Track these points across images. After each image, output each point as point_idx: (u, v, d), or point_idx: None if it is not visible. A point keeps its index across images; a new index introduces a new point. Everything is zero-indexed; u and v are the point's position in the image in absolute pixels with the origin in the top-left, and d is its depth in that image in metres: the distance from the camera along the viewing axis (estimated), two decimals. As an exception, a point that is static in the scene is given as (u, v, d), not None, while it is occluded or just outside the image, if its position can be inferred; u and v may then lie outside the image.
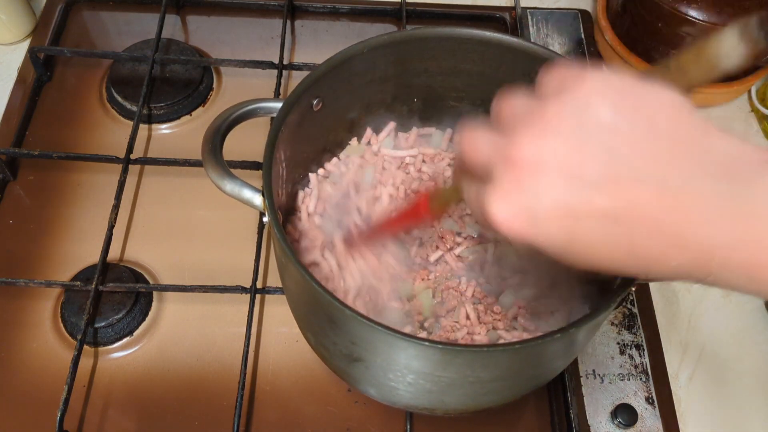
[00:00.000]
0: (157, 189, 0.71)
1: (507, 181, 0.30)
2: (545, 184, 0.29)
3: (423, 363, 0.41)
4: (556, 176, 0.29)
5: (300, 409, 0.59)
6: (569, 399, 0.58)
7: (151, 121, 0.75)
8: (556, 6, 0.85)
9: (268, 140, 0.47)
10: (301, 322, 0.51)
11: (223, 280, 0.62)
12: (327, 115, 0.54)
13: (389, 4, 0.85)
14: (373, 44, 0.51)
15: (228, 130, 0.49)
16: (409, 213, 0.50)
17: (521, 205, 0.30)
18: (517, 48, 0.52)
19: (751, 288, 0.30)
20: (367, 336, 0.41)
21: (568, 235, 0.30)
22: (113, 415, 0.58)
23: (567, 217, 0.30)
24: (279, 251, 0.46)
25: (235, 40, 0.82)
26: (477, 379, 0.43)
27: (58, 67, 0.79)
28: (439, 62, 0.55)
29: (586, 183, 0.29)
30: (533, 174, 0.30)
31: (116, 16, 0.84)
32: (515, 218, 0.30)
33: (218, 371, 0.60)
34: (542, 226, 0.30)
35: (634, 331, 0.62)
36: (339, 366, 0.49)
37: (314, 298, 0.42)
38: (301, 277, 0.41)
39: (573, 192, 0.29)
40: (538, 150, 0.30)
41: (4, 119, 0.74)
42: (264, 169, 0.45)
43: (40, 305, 0.63)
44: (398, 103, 0.59)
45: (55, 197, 0.69)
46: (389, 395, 0.47)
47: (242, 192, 0.47)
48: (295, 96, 0.49)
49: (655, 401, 0.58)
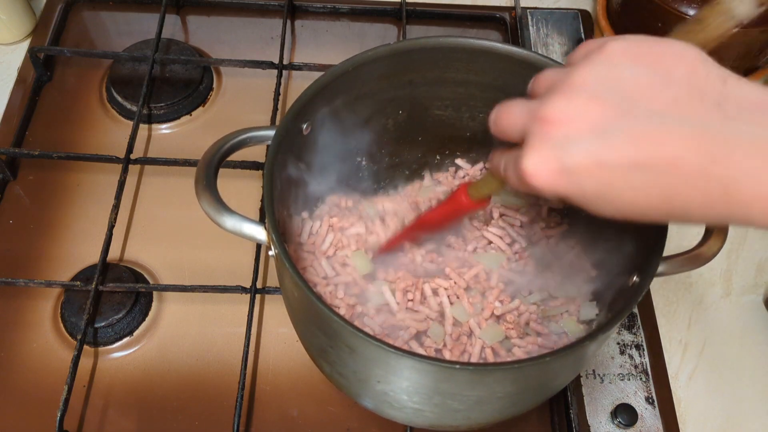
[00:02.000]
0: (157, 189, 0.71)
1: (539, 137, 0.33)
2: (575, 138, 0.31)
3: (451, 384, 0.41)
4: (584, 129, 0.31)
5: (300, 410, 0.59)
6: (569, 399, 0.58)
7: (151, 121, 0.75)
8: (556, 6, 0.85)
9: (266, 173, 0.45)
10: (313, 352, 0.51)
11: (223, 280, 0.62)
12: (316, 138, 0.53)
13: (389, 4, 0.85)
14: (358, 61, 0.51)
15: (220, 163, 0.48)
16: (449, 206, 0.50)
17: (553, 158, 0.32)
18: (503, 54, 0.52)
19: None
20: (393, 362, 0.41)
21: (601, 185, 0.32)
22: (113, 415, 0.58)
23: (598, 167, 0.31)
24: (292, 285, 0.44)
25: (235, 40, 0.82)
26: (505, 393, 0.43)
27: (58, 67, 0.79)
28: (423, 73, 0.55)
29: (612, 134, 0.31)
30: (563, 129, 0.32)
31: (116, 16, 0.84)
32: (548, 171, 0.32)
33: (218, 371, 0.60)
34: (574, 177, 0.32)
35: (634, 331, 0.62)
36: (357, 392, 0.49)
37: (334, 330, 0.42)
38: (322, 313, 0.40)
39: (601, 143, 0.31)
40: (567, 107, 0.32)
41: (4, 119, 0.74)
42: (266, 204, 0.44)
43: (40, 305, 0.63)
44: (383, 116, 0.58)
45: (55, 197, 0.69)
46: (413, 417, 0.47)
47: (243, 227, 0.46)
48: (286, 123, 0.48)
49: (655, 401, 0.58)
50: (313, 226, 0.57)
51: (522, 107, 0.35)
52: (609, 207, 0.33)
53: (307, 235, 0.56)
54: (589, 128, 0.31)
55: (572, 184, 0.32)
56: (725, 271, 0.68)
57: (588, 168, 0.31)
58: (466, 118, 0.59)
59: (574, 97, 0.32)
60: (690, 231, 0.69)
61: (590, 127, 0.31)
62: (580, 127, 0.31)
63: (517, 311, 0.54)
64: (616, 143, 0.31)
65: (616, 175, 0.31)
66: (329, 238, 0.56)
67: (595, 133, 0.31)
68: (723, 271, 0.68)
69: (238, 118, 0.76)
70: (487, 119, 0.57)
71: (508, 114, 0.36)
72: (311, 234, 0.57)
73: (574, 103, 0.32)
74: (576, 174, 0.32)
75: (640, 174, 0.31)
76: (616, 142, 0.31)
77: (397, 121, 0.59)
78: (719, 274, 0.68)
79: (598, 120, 0.31)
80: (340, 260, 0.56)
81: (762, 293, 0.67)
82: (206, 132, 0.75)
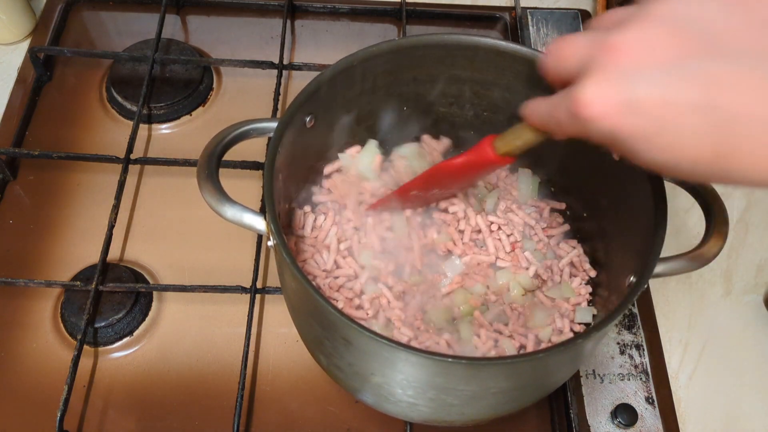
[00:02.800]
0: (157, 189, 0.71)
1: (607, 66, 0.30)
2: (645, 69, 0.29)
3: (446, 378, 0.41)
4: (657, 61, 0.29)
5: (300, 410, 0.59)
6: (569, 399, 0.58)
7: (151, 121, 0.75)
8: (556, 6, 0.85)
9: (267, 163, 0.46)
10: (311, 344, 0.51)
11: (223, 280, 0.62)
12: (320, 131, 0.54)
13: (389, 4, 0.85)
14: (363, 56, 0.51)
15: (222, 154, 0.48)
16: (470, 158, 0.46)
17: (617, 88, 0.30)
18: (506, 51, 0.52)
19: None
20: (387, 355, 0.41)
21: (658, 125, 0.29)
22: (113, 415, 0.58)
23: (662, 105, 0.29)
24: (290, 276, 0.45)
25: (235, 40, 0.82)
26: (500, 389, 0.43)
27: (58, 67, 0.79)
28: (428, 69, 0.55)
29: (687, 70, 0.29)
30: (633, 58, 0.29)
31: (116, 16, 0.84)
32: (608, 102, 0.30)
33: (218, 371, 0.60)
34: (635, 113, 0.29)
35: (634, 331, 0.62)
36: (353, 385, 0.49)
37: (330, 322, 0.42)
38: (319, 305, 0.40)
39: (673, 79, 0.29)
40: (643, 35, 0.30)
41: (4, 119, 0.74)
42: (266, 194, 0.44)
43: (40, 305, 0.63)
44: (387, 112, 0.58)
45: (55, 197, 0.69)
46: (408, 411, 0.47)
47: (243, 217, 0.46)
48: (289, 115, 0.48)
49: (655, 401, 0.58)
50: (316, 220, 0.57)
51: (587, 37, 0.32)
52: (658, 153, 0.30)
53: (310, 229, 0.56)
54: (662, 61, 0.29)
55: (629, 120, 0.30)
56: (725, 271, 0.68)
57: (653, 104, 0.29)
58: (470, 116, 0.59)
59: (653, 26, 0.29)
60: (690, 231, 0.69)
61: (664, 60, 0.29)
62: (653, 58, 0.29)
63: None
64: (689, 81, 0.28)
65: (680, 115, 0.29)
66: (333, 230, 0.56)
67: (667, 67, 0.29)
68: (723, 271, 0.68)
69: (238, 118, 0.74)
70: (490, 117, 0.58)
71: (571, 43, 0.33)
72: (314, 228, 0.57)
73: (652, 32, 0.29)
74: (638, 109, 0.29)
75: (706, 119, 0.28)
76: (689, 79, 0.28)
77: (401, 117, 0.59)
78: (719, 274, 0.68)
79: (674, 53, 0.29)
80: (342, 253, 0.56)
81: (762, 293, 0.67)
82: (206, 132, 0.74)
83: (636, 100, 0.29)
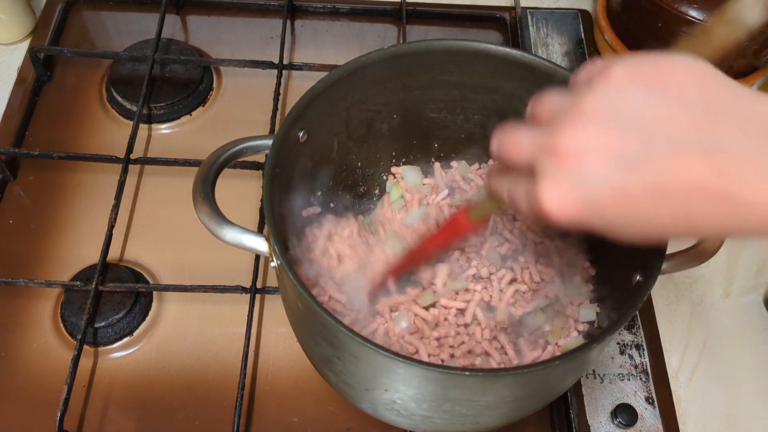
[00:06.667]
0: (157, 189, 0.71)
1: (555, 171, 0.32)
2: (594, 169, 0.30)
3: (462, 391, 0.41)
4: (602, 160, 0.30)
5: (300, 409, 0.59)
6: (569, 399, 0.58)
7: (151, 121, 0.75)
8: (556, 6, 0.85)
9: (265, 182, 0.45)
10: (318, 363, 0.50)
11: (223, 280, 0.62)
12: (313, 146, 0.53)
13: (389, 4, 0.85)
14: (352, 67, 0.50)
15: (217, 175, 0.47)
16: (449, 229, 0.50)
17: (573, 191, 0.31)
18: (496, 55, 0.52)
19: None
20: (402, 371, 0.40)
21: (624, 214, 0.31)
22: (113, 415, 0.58)
23: (620, 196, 0.30)
24: (295, 295, 0.44)
25: (235, 40, 0.82)
26: (514, 398, 0.43)
27: (58, 67, 0.79)
28: (417, 77, 0.54)
29: (631, 162, 0.30)
30: (580, 161, 0.31)
31: (116, 16, 0.84)
32: (569, 205, 0.31)
33: (218, 371, 0.60)
34: (597, 208, 0.31)
35: (634, 331, 0.62)
36: (364, 401, 0.48)
37: (341, 341, 0.41)
38: (328, 324, 0.40)
39: (621, 172, 0.30)
40: (581, 139, 0.31)
41: (4, 119, 0.74)
42: (266, 214, 0.44)
43: (40, 305, 0.63)
44: (377, 122, 0.58)
45: (55, 197, 0.69)
46: (422, 423, 0.47)
47: (243, 239, 0.45)
48: (283, 131, 0.48)
49: (655, 401, 0.58)
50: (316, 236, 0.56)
51: (529, 136, 0.34)
52: (631, 232, 0.32)
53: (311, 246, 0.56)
54: (609, 159, 0.30)
55: (595, 215, 0.32)
56: (725, 271, 0.68)
57: (612, 198, 0.31)
58: (460, 120, 0.59)
59: (589, 128, 0.31)
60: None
61: (610, 158, 0.30)
62: (599, 158, 0.30)
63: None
64: (639, 172, 0.30)
65: (640, 202, 0.30)
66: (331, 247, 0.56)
67: (616, 163, 0.30)
68: (723, 271, 0.68)
69: (238, 118, 0.76)
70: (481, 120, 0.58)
71: (513, 142, 0.35)
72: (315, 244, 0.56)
73: (590, 134, 0.31)
74: (599, 205, 0.31)
75: (665, 199, 0.30)
76: (639, 170, 0.30)
77: (392, 125, 0.59)
78: (719, 274, 0.68)
79: (618, 150, 0.30)
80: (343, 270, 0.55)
81: (762, 293, 0.67)
82: (206, 132, 0.75)
83: (597, 198, 0.31)
